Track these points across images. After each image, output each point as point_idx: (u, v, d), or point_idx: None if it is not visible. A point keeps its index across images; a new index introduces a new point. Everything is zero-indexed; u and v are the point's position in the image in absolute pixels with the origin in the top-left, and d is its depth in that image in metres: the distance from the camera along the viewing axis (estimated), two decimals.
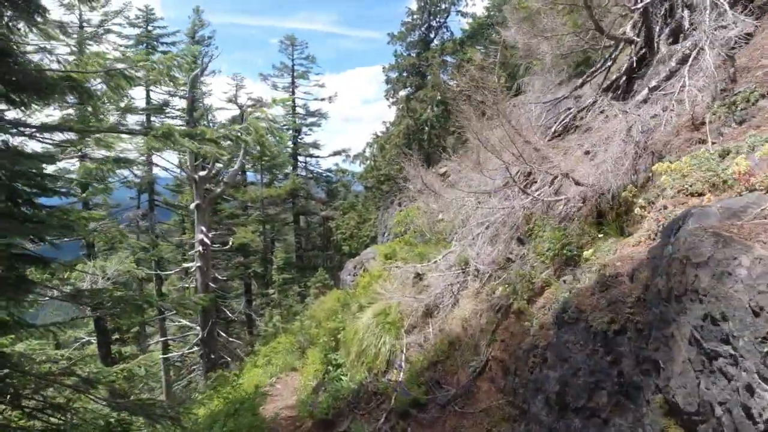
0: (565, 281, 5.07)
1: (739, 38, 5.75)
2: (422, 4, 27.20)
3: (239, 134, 10.11)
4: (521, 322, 5.69)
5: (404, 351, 8.08)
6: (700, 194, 3.93)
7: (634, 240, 4.22)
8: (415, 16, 27.52)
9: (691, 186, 4.02)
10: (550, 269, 5.89)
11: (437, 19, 27.63)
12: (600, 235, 5.54)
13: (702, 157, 4.18)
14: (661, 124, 5.50)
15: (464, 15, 27.12)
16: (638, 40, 7.83)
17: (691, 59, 5.77)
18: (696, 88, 5.31)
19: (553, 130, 8.91)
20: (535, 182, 7.94)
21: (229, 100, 33.06)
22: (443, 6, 27.37)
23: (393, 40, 27.87)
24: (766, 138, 3.78)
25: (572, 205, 6.12)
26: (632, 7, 7.90)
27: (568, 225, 6.26)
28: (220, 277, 21.22)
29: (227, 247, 23.27)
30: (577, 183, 5.99)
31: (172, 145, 7.79)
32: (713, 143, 4.53)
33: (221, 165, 24.95)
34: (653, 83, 6.34)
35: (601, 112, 6.39)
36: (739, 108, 4.58)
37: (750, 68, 4.99)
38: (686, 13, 7.31)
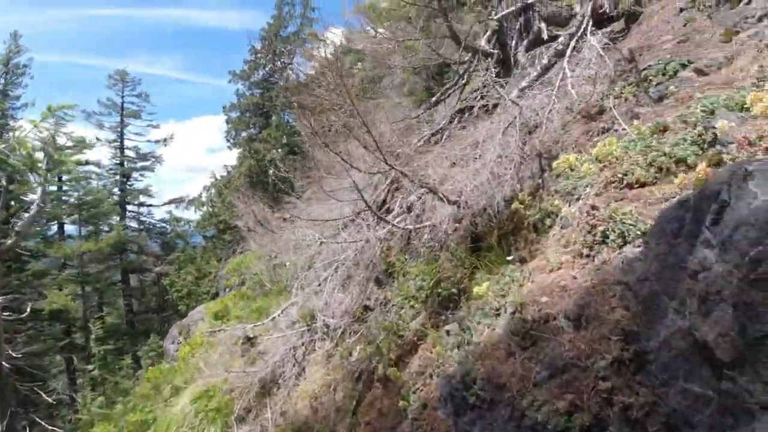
0: (448, 332, 3.40)
1: (615, 32, 5.15)
2: (267, 43, 25.77)
3: None
4: (392, 396, 3.85)
5: None
6: (643, 184, 2.62)
7: (553, 263, 2.72)
8: (259, 56, 25.93)
9: (625, 175, 2.69)
10: (422, 315, 4.21)
11: (282, 60, 26.37)
12: (483, 265, 4.08)
13: (630, 140, 2.94)
14: (543, 121, 4.37)
15: (310, 58, 26.32)
16: (495, 52, 7.07)
17: (569, 51, 4.89)
18: (582, 77, 4.32)
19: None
20: (392, 210, 6.48)
21: (44, 141, 26.98)
22: (288, 47, 26.30)
23: (234, 79, 25.90)
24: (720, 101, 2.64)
25: (444, 228, 4.62)
26: (487, 20, 7.21)
27: (438, 255, 4.75)
28: (15, 354, 15.58)
29: (24, 315, 17.47)
30: (449, 201, 4.55)
31: None
32: (626, 127, 3.39)
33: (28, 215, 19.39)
34: (523, 84, 5.34)
35: (482, 97, 5.15)
36: (654, 83, 3.59)
37: (651, 46, 4.16)
38: (543, 25, 6.79)
